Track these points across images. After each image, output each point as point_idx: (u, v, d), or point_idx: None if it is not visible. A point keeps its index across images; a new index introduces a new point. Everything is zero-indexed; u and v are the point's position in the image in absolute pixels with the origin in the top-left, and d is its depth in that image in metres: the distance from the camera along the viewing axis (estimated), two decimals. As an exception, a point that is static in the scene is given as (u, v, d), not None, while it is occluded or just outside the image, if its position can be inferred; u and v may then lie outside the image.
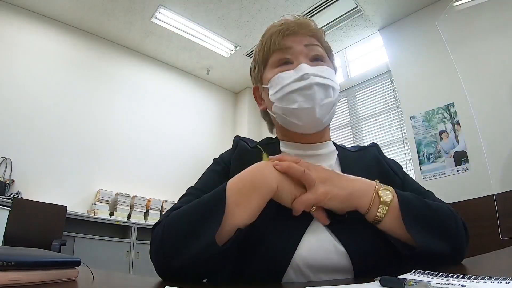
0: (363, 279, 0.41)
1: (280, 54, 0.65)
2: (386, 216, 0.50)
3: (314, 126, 0.62)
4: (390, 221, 0.50)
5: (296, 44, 0.65)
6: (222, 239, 0.46)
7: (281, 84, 0.62)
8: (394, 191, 0.52)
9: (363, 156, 0.68)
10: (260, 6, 3.31)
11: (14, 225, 2.27)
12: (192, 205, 0.50)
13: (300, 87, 0.60)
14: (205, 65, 4.42)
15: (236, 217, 0.47)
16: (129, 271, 2.90)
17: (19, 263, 0.38)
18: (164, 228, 0.49)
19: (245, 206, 0.48)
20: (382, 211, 0.50)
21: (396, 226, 0.50)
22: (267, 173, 0.51)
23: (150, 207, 3.47)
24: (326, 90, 0.61)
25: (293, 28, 0.65)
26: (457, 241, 0.52)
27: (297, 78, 0.60)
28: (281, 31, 0.65)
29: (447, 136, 2.89)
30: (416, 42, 3.33)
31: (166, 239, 0.48)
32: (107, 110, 3.70)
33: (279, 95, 0.62)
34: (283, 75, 0.62)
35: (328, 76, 0.62)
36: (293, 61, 0.64)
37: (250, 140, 0.71)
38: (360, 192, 0.52)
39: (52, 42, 3.49)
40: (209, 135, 4.56)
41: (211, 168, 0.67)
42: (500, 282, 0.30)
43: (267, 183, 0.50)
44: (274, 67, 0.66)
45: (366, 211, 0.51)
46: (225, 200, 0.47)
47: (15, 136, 2.97)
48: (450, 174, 2.80)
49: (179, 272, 0.47)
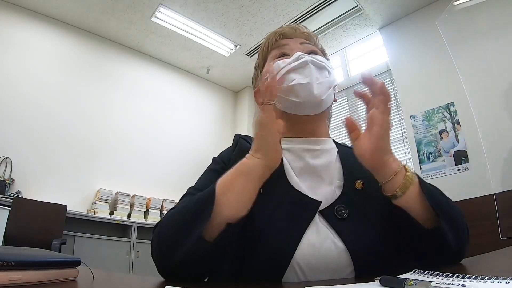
0: (363, 279, 0.41)
1: (278, 50, 0.70)
2: (408, 190, 0.50)
3: (313, 104, 0.62)
4: (410, 196, 0.50)
5: (293, 42, 0.70)
6: (213, 235, 0.46)
7: (278, 67, 0.64)
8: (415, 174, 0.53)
9: None
10: (260, 5, 3.31)
11: (14, 224, 2.27)
12: (184, 204, 0.51)
13: (296, 65, 0.62)
14: (205, 64, 4.42)
15: (225, 207, 0.47)
16: (129, 271, 2.90)
17: (19, 262, 0.38)
18: (161, 229, 0.51)
19: (232, 193, 0.48)
20: (407, 182, 0.50)
21: (414, 202, 0.50)
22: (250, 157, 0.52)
23: (150, 206, 3.47)
24: (322, 70, 0.64)
25: (289, 31, 0.72)
26: (461, 238, 0.52)
27: (292, 59, 0.64)
28: (278, 33, 0.72)
29: (447, 135, 2.89)
30: (416, 41, 3.32)
31: (162, 238, 0.49)
32: (107, 109, 3.69)
33: (277, 78, 0.64)
34: (280, 61, 0.65)
35: (323, 60, 0.65)
36: (290, 54, 0.67)
37: (250, 137, 0.70)
38: (394, 158, 0.53)
39: (52, 41, 3.48)
40: (209, 134, 4.56)
41: (211, 167, 0.68)
42: (500, 282, 0.30)
43: (250, 165, 0.50)
44: (272, 60, 0.69)
45: (390, 177, 0.50)
46: (214, 194, 0.47)
47: (15, 136, 2.97)
48: (450, 173, 2.80)
49: (178, 270, 0.47)
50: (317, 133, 0.67)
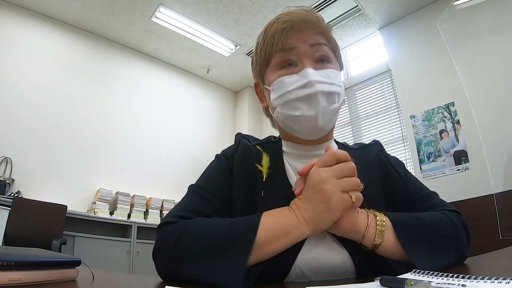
0: (363, 279, 0.41)
1: (284, 56, 0.60)
2: (384, 239, 0.49)
3: (316, 133, 0.61)
4: (388, 245, 0.49)
5: (301, 44, 0.60)
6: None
7: (283, 89, 0.58)
8: (385, 214, 0.51)
9: (365, 155, 0.66)
10: (260, 5, 3.31)
11: (14, 224, 2.27)
12: (219, 227, 0.49)
13: (304, 96, 0.56)
14: (205, 64, 4.42)
15: (261, 256, 0.47)
16: (129, 271, 2.90)
17: (19, 262, 0.38)
18: (182, 238, 0.48)
19: (270, 248, 0.47)
20: (380, 234, 0.49)
21: (394, 250, 0.49)
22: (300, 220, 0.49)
23: (150, 206, 3.46)
24: (331, 97, 0.58)
25: (298, 25, 0.60)
26: (459, 247, 0.52)
27: (300, 85, 0.57)
28: (285, 29, 0.60)
29: (447, 135, 2.89)
30: (416, 41, 3.32)
31: (182, 249, 0.47)
32: (107, 109, 3.69)
33: (282, 101, 0.59)
34: (286, 80, 0.58)
35: (333, 82, 0.59)
36: (297, 63, 0.60)
37: (252, 137, 0.69)
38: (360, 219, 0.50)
39: (52, 41, 3.48)
40: (209, 134, 4.56)
41: (214, 164, 0.65)
42: (500, 282, 0.30)
43: (299, 230, 0.48)
44: (276, 69, 0.61)
45: (362, 237, 0.49)
46: (255, 236, 0.46)
47: (15, 136, 2.96)
48: (450, 174, 2.79)
49: (182, 278, 0.47)
50: (321, 140, 0.65)
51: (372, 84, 3.73)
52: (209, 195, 0.57)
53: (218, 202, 0.57)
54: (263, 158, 0.59)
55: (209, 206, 0.56)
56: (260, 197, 0.56)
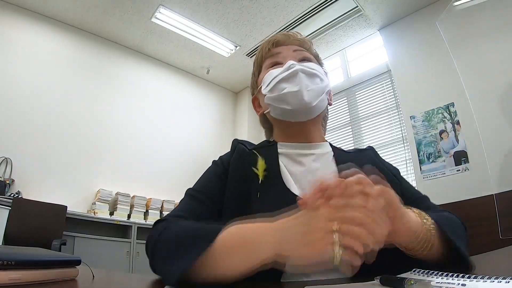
0: (363, 279, 0.41)
1: (272, 59, 0.73)
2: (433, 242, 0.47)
3: (304, 110, 0.65)
4: (435, 247, 0.47)
5: (286, 50, 0.73)
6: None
7: (271, 77, 0.68)
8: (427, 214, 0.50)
9: (360, 158, 0.68)
10: (260, 5, 3.31)
11: (14, 224, 2.27)
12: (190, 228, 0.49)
13: (287, 75, 0.65)
14: (205, 65, 4.42)
15: (219, 264, 0.42)
16: (129, 271, 2.90)
17: (19, 262, 0.38)
18: (161, 236, 0.50)
19: (226, 264, 0.42)
20: (430, 234, 0.47)
21: (437, 250, 0.48)
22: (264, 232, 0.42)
23: (150, 207, 3.46)
24: (312, 77, 0.66)
25: (282, 38, 0.75)
26: (467, 246, 0.53)
27: (284, 69, 0.67)
28: (271, 41, 0.75)
29: (447, 135, 2.89)
30: (416, 42, 3.32)
31: (155, 246, 0.50)
32: (106, 109, 3.69)
33: (270, 87, 0.68)
34: (273, 71, 0.69)
35: (314, 68, 0.68)
36: (283, 62, 0.70)
37: (248, 142, 0.73)
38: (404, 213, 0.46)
39: (52, 41, 3.48)
40: (209, 134, 4.56)
41: (210, 170, 0.68)
42: (500, 282, 0.30)
43: (260, 246, 0.41)
44: (266, 70, 0.73)
45: (419, 238, 0.46)
46: (213, 242, 0.42)
47: (15, 136, 2.96)
48: (450, 174, 2.79)
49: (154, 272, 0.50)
50: (311, 138, 0.69)
51: (372, 84, 3.73)
52: (203, 197, 0.60)
53: (211, 204, 0.60)
54: (258, 161, 0.62)
55: (203, 207, 0.59)
56: (256, 198, 0.58)
